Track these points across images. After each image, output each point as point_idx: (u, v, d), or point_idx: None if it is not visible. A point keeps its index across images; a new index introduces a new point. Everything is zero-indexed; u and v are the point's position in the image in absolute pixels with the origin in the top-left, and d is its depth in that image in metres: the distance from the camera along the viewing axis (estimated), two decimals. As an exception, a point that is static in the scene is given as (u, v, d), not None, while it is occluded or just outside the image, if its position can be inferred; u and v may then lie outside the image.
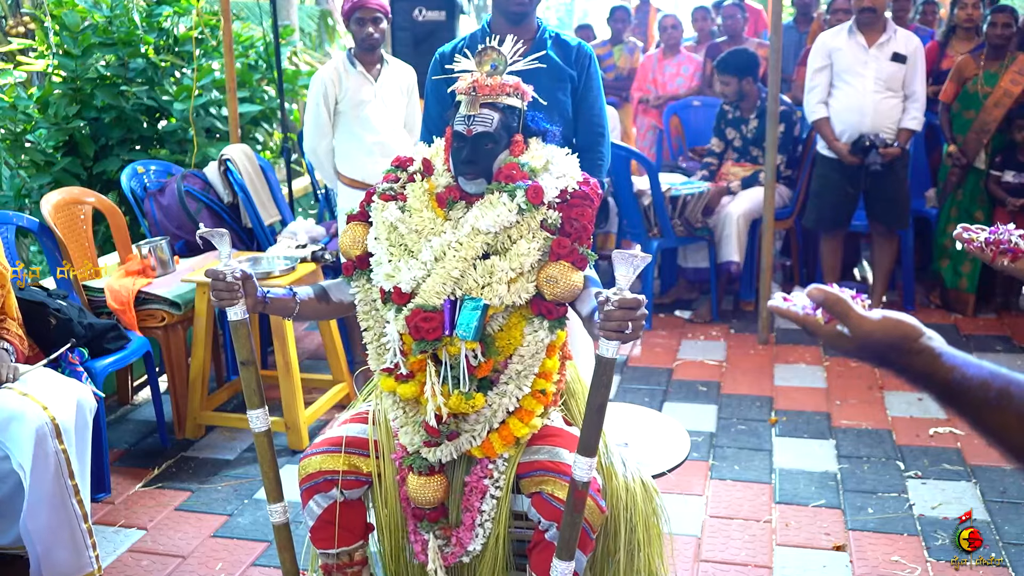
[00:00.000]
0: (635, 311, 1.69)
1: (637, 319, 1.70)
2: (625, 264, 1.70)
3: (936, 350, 1.05)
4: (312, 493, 2.14)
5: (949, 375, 1.03)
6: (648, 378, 4.28)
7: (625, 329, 1.70)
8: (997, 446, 1.02)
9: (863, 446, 3.54)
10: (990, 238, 1.85)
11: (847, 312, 1.10)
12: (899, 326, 1.07)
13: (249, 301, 2.06)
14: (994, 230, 1.85)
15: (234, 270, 2.01)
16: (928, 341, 1.06)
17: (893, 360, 1.08)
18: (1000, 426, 1.00)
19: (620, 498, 2.13)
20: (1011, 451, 1.01)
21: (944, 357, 1.04)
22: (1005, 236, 1.84)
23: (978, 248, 1.86)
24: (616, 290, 1.70)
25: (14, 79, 5.68)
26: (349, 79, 4.02)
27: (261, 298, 2.07)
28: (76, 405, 2.66)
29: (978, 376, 1.02)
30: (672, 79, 6.55)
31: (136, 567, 2.84)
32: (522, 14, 2.87)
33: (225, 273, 2.00)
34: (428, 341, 1.95)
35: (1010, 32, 4.73)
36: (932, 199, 5.29)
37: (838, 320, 1.11)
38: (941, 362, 1.04)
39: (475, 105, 1.99)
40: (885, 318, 1.08)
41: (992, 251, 1.84)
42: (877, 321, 1.08)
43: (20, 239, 4.39)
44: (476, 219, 1.96)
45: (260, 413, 2.13)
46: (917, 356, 1.06)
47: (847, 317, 1.10)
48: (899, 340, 1.07)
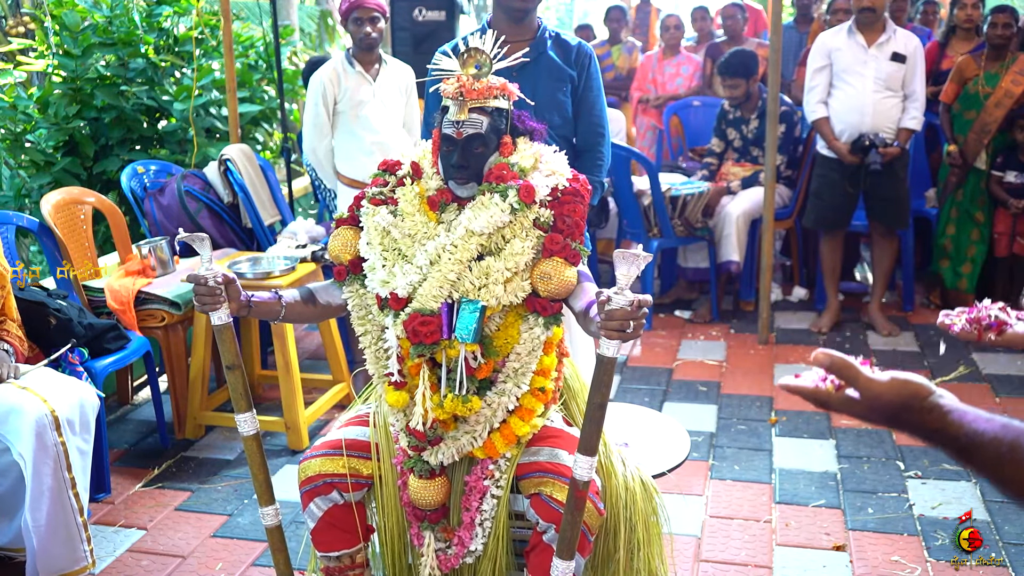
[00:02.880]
0: (638, 311, 1.69)
1: (638, 319, 1.70)
2: (626, 263, 1.70)
3: (946, 408, 1.06)
4: (312, 496, 2.14)
5: (960, 431, 1.04)
6: (648, 378, 4.28)
7: (626, 328, 1.70)
8: (1017, 499, 1.03)
9: (863, 446, 3.54)
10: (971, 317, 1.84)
11: (856, 376, 1.11)
12: (907, 386, 1.08)
13: (233, 305, 2.04)
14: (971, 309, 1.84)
15: (216, 274, 2.00)
16: (938, 399, 1.07)
17: (904, 420, 1.08)
18: (1017, 479, 1.01)
19: (620, 497, 2.13)
20: None
21: (954, 414, 1.05)
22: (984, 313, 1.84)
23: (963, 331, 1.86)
24: (617, 289, 1.70)
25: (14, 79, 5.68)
26: (348, 79, 4.02)
27: (245, 301, 2.05)
28: (79, 404, 2.66)
29: (989, 431, 1.02)
30: (672, 79, 6.55)
31: (136, 567, 2.84)
32: (523, 13, 2.87)
33: (207, 277, 1.99)
34: (427, 345, 1.95)
35: (1010, 32, 4.72)
36: (932, 199, 5.29)
37: (847, 384, 1.12)
38: (951, 419, 1.05)
39: (463, 110, 1.99)
40: (893, 379, 1.09)
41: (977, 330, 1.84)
42: (886, 383, 1.09)
43: (20, 239, 4.39)
44: (469, 220, 1.96)
45: (248, 417, 2.13)
46: (928, 415, 1.06)
47: (856, 381, 1.11)
48: (909, 400, 1.07)
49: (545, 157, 2.08)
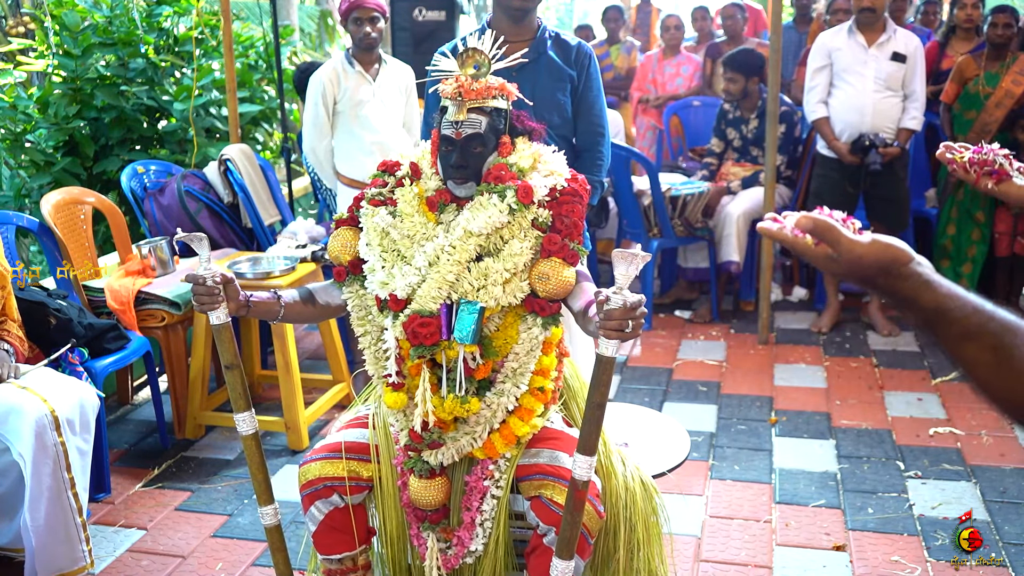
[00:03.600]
0: (635, 310, 1.69)
1: (637, 318, 1.70)
2: (625, 263, 1.70)
3: (924, 276, 1.05)
4: (313, 499, 2.14)
5: (934, 301, 1.03)
6: (648, 378, 4.28)
7: (625, 328, 1.70)
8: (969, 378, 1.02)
9: (863, 446, 3.54)
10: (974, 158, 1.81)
11: (837, 238, 1.10)
12: (888, 250, 1.07)
13: (232, 305, 2.04)
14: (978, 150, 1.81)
15: (214, 274, 2.00)
16: (917, 267, 1.06)
17: (880, 283, 1.08)
18: (974, 358, 1.00)
19: (620, 497, 2.13)
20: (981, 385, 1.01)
21: (932, 284, 1.05)
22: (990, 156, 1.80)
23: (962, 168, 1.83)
24: (616, 289, 1.70)
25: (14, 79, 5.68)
26: (347, 79, 4.02)
27: (244, 301, 2.05)
28: (79, 404, 2.66)
29: (963, 307, 1.02)
30: (672, 79, 6.55)
31: (136, 567, 2.84)
32: (523, 13, 2.87)
33: (205, 277, 1.99)
34: (426, 346, 1.95)
35: (1010, 32, 4.72)
36: (932, 199, 5.29)
37: (830, 246, 1.11)
38: (928, 287, 1.04)
39: (462, 110, 1.99)
40: (875, 241, 1.08)
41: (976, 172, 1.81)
42: (867, 244, 1.08)
43: (20, 239, 4.39)
44: (468, 221, 1.96)
45: (247, 416, 2.13)
46: (905, 280, 1.06)
47: (837, 242, 1.10)
48: (888, 263, 1.07)
49: (544, 157, 2.08)
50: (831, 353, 4.50)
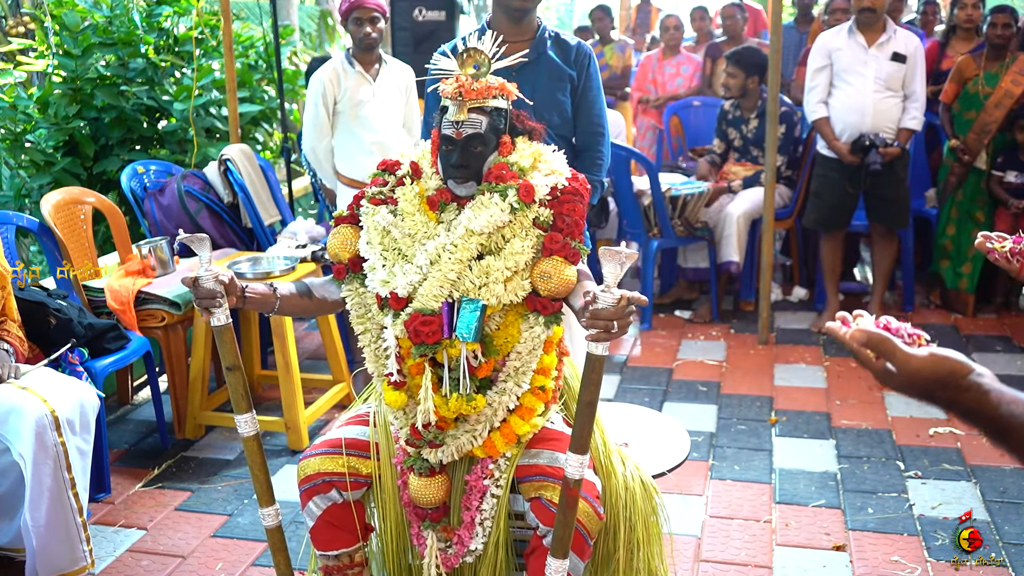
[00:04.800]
0: (623, 309, 1.69)
1: (624, 317, 1.70)
2: (612, 262, 1.70)
3: (984, 387, 1.05)
4: (311, 494, 2.14)
5: (996, 411, 1.03)
6: (648, 378, 4.28)
7: (611, 329, 1.70)
8: None
9: (863, 446, 3.54)
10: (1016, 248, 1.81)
11: (892, 350, 1.10)
12: (945, 363, 1.07)
13: (231, 298, 2.05)
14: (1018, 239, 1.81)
15: (214, 275, 2.00)
16: (977, 378, 1.06)
17: (940, 396, 1.08)
18: None
19: (619, 497, 2.13)
20: None
21: (992, 394, 1.05)
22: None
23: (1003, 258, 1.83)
24: (604, 287, 1.70)
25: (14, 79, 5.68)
26: (348, 79, 4.02)
27: (240, 292, 2.06)
28: (79, 404, 2.66)
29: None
30: (672, 79, 6.56)
31: (136, 567, 2.84)
32: (523, 13, 2.87)
33: (205, 279, 1.99)
34: (428, 345, 1.95)
35: (1010, 32, 4.72)
36: (932, 199, 5.29)
37: (885, 359, 1.11)
38: (989, 399, 1.04)
39: (463, 110, 1.99)
40: (932, 355, 1.08)
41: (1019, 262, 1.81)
42: (924, 358, 1.08)
43: (20, 239, 4.39)
44: (469, 220, 1.96)
45: (248, 417, 2.13)
46: (965, 393, 1.06)
47: (893, 356, 1.10)
48: (946, 377, 1.07)
49: (544, 156, 2.09)
50: (831, 353, 4.50)
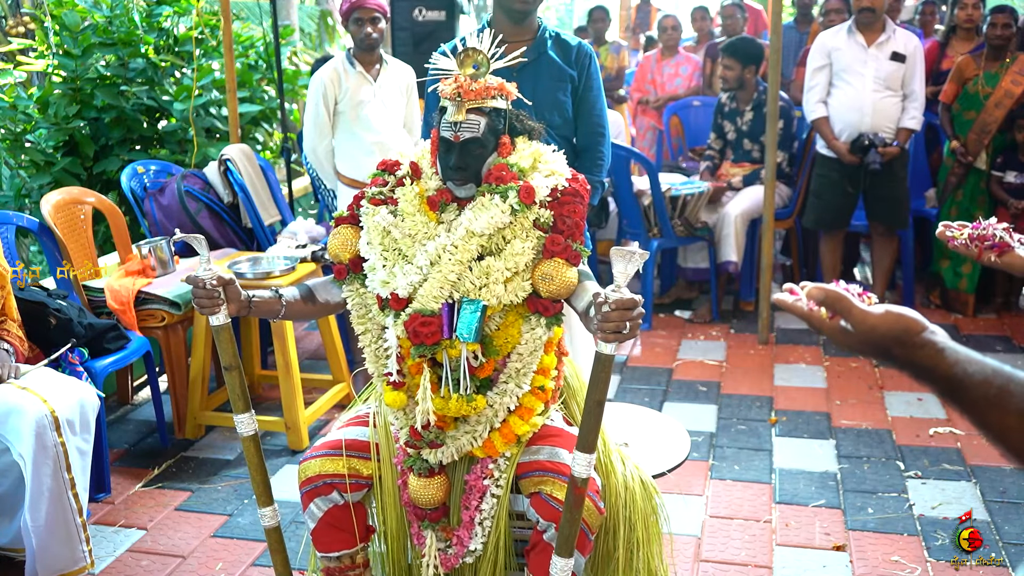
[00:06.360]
0: (632, 311, 1.69)
1: (634, 318, 1.70)
2: (623, 261, 1.70)
3: (939, 345, 1.05)
4: (312, 496, 2.14)
5: (951, 370, 1.02)
6: (648, 378, 4.28)
7: (623, 329, 1.70)
8: (997, 444, 1.01)
9: (863, 446, 3.54)
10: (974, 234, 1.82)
11: (849, 308, 1.10)
12: (901, 320, 1.07)
13: (233, 306, 2.04)
14: (976, 225, 1.82)
15: (213, 275, 2.00)
16: (931, 336, 1.05)
17: (896, 354, 1.07)
18: (1000, 424, 0.99)
19: (619, 497, 2.13)
20: (1011, 450, 1.00)
21: (947, 352, 1.04)
22: (989, 231, 1.81)
23: (963, 245, 1.84)
24: (614, 287, 1.70)
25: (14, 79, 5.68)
26: (348, 79, 4.02)
27: (246, 301, 2.05)
28: (79, 404, 2.66)
29: (980, 373, 1.01)
30: (671, 79, 6.55)
31: (136, 567, 2.84)
32: (524, 13, 2.87)
33: (204, 279, 1.99)
34: (428, 346, 1.95)
35: (1010, 32, 4.73)
36: (932, 199, 5.29)
37: (842, 316, 1.10)
38: (943, 357, 1.04)
39: (461, 111, 1.98)
40: (887, 312, 1.08)
41: (978, 247, 1.82)
42: (879, 315, 1.08)
43: (20, 239, 4.39)
44: (470, 221, 1.96)
45: (246, 417, 2.12)
46: (920, 350, 1.05)
47: (849, 313, 1.10)
48: (901, 334, 1.06)
49: (544, 157, 2.08)
50: (831, 353, 4.50)
